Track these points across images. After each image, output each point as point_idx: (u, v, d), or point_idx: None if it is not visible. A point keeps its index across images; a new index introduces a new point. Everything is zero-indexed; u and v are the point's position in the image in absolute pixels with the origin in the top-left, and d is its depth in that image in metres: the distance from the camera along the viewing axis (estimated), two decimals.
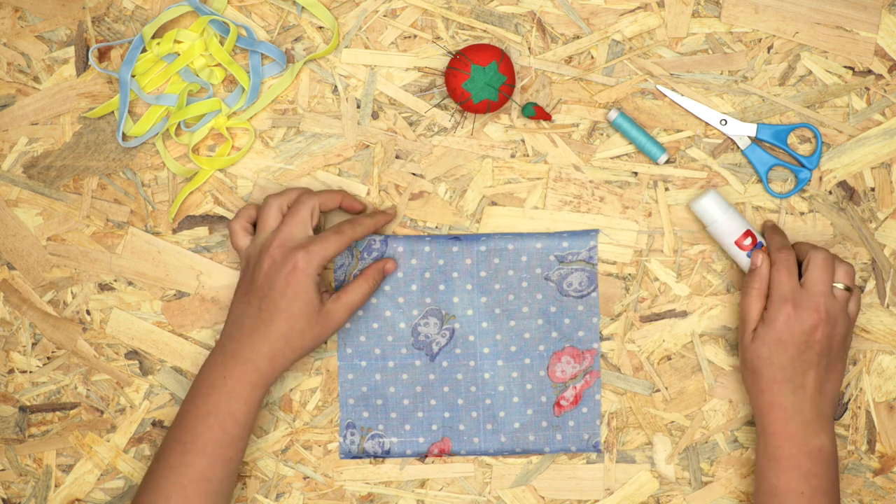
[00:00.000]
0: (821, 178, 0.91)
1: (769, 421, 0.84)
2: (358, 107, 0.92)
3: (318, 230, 0.89)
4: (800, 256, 0.86)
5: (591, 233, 0.90)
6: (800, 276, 0.85)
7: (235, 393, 0.83)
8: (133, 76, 0.91)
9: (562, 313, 0.91)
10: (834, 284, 0.84)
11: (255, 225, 0.88)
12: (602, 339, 0.91)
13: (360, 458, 0.91)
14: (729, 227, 0.87)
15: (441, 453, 0.91)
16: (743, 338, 0.86)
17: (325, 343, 0.92)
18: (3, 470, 0.92)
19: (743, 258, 0.87)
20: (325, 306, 0.85)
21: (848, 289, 0.85)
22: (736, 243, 0.87)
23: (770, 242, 0.87)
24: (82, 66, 0.93)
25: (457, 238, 0.91)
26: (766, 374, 0.84)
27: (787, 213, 0.91)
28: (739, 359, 0.87)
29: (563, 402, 0.91)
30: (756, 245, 0.87)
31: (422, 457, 0.91)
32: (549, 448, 0.90)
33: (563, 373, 0.91)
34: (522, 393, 0.91)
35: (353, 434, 0.91)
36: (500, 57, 0.87)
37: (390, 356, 0.91)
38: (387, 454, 0.91)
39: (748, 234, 0.87)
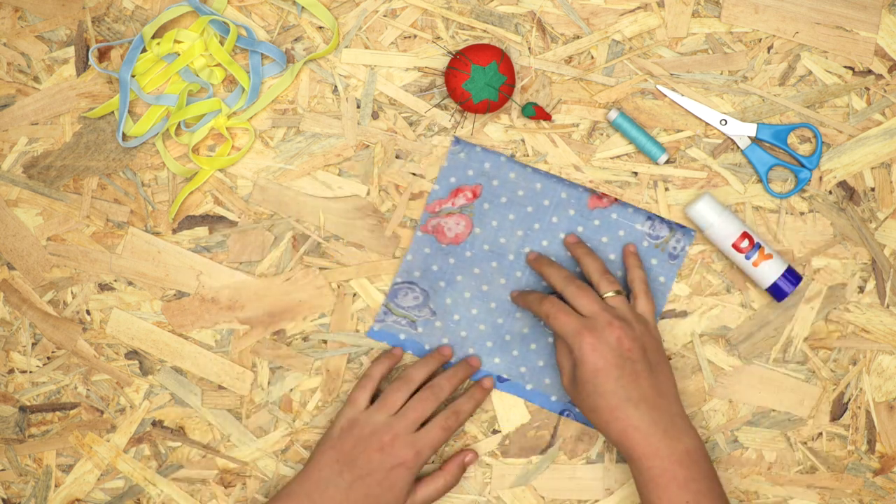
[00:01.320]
0: (821, 178, 0.91)
1: (631, 446, 0.82)
2: (358, 107, 0.92)
3: None
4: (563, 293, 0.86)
5: (689, 231, 0.91)
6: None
7: None
8: (133, 76, 0.91)
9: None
10: (604, 295, 0.84)
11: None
12: None
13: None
14: (725, 231, 0.87)
15: None
16: (568, 387, 0.84)
17: (325, 343, 0.92)
18: (3, 470, 0.92)
19: (741, 260, 0.87)
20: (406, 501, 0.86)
21: (618, 292, 0.85)
22: (733, 246, 0.87)
23: (529, 304, 0.86)
24: (82, 66, 0.93)
25: (552, 176, 0.91)
26: (603, 405, 0.82)
27: (787, 213, 0.91)
28: (577, 406, 0.86)
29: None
30: (754, 246, 0.87)
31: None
32: None
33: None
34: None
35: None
36: (500, 57, 0.87)
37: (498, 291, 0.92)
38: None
39: (745, 236, 0.87)
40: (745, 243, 0.87)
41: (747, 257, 0.87)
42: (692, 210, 0.88)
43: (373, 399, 0.89)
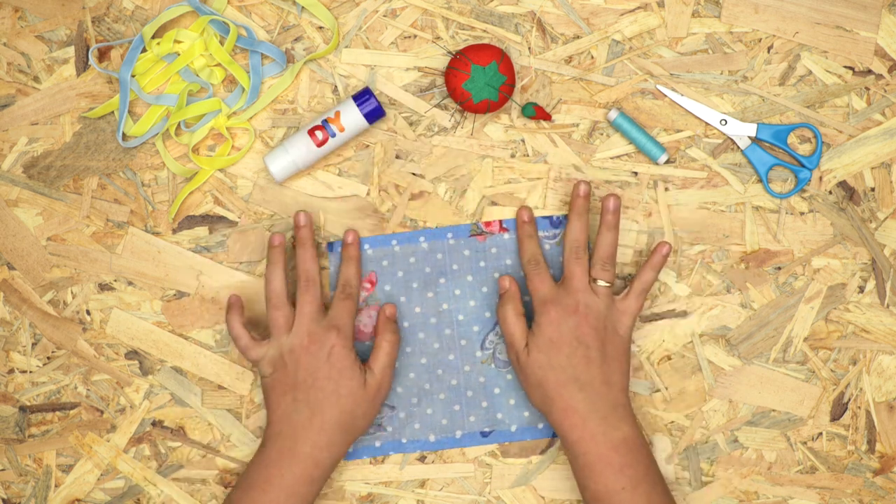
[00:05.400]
0: (821, 178, 0.91)
1: (568, 429, 0.83)
2: None
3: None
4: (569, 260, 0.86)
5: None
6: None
7: (294, 490, 0.83)
8: (133, 76, 0.91)
9: None
10: (595, 282, 0.85)
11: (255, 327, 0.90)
12: None
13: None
14: (296, 155, 0.88)
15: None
16: (518, 358, 0.85)
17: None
18: (3, 470, 0.93)
19: (332, 143, 0.88)
20: (367, 382, 0.86)
21: (608, 284, 0.85)
22: (315, 144, 0.88)
23: (521, 257, 0.88)
24: (82, 66, 0.93)
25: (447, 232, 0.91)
26: (551, 378, 0.83)
27: (787, 213, 0.91)
28: (520, 381, 0.86)
29: None
30: (325, 127, 0.88)
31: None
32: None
33: None
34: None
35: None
36: (500, 57, 0.87)
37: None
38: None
39: (313, 130, 0.88)
40: (319, 132, 0.87)
41: (332, 135, 0.87)
42: (268, 160, 0.88)
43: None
